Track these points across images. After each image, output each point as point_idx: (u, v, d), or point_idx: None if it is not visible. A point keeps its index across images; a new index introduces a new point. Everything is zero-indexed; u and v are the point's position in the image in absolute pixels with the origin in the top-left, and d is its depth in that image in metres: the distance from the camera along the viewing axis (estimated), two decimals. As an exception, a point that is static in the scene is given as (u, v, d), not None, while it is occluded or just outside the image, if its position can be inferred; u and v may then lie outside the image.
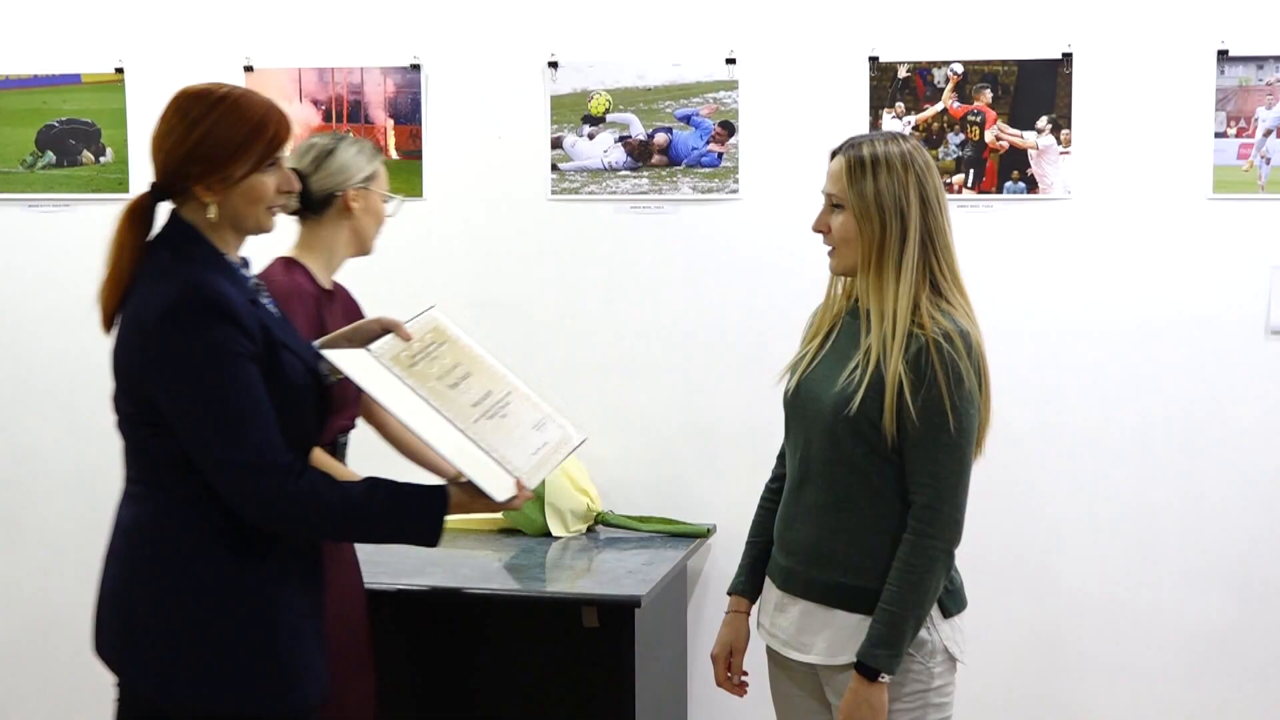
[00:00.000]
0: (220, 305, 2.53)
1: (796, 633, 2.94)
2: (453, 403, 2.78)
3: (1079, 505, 4.53)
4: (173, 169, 2.65)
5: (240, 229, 2.69)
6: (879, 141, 2.87)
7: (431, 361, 2.83)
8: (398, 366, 2.76)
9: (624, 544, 4.28)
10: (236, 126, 2.61)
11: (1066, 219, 4.46)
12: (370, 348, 2.77)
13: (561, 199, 4.70)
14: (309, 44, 4.79)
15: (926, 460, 2.79)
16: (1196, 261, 4.42)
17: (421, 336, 2.85)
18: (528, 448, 2.84)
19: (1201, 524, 4.49)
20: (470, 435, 2.74)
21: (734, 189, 4.60)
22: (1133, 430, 4.49)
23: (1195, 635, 4.51)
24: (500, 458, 2.76)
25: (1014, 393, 4.46)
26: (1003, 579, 4.55)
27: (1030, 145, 4.44)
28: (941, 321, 2.79)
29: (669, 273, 4.67)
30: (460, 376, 2.84)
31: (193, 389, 2.53)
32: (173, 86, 4.86)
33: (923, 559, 2.78)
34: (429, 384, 2.78)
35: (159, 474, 2.64)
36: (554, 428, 2.95)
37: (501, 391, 2.90)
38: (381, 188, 3.64)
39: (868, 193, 2.82)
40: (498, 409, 2.85)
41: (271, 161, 2.65)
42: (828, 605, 2.88)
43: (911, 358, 2.77)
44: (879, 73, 4.49)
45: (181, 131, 2.63)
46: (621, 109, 4.64)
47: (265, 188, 2.65)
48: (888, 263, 2.82)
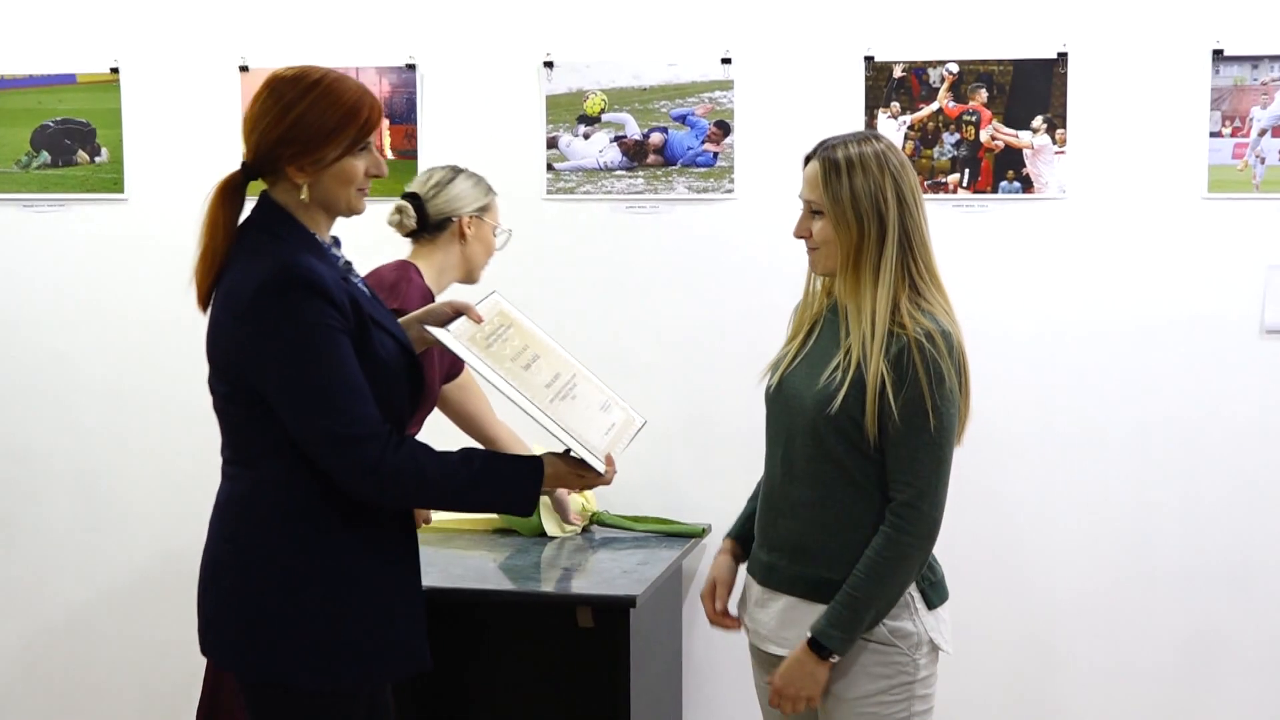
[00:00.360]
0: (313, 282, 2.59)
1: (778, 627, 2.95)
2: (528, 384, 2.83)
3: (1075, 506, 4.54)
4: (265, 151, 2.70)
5: (331, 210, 2.75)
6: (852, 143, 2.88)
7: (504, 344, 2.88)
8: (475, 347, 2.83)
9: (619, 544, 4.29)
10: (330, 111, 2.67)
11: (1061, 218, 4.47)
12: (450, 328, 2.84)
13: (557, 199, 4.71)
14: (304, 44, 4.78)
15: (907, 459, 2.80)
16: (1191, 261, 4.43)
17: (490, 319, 2.91)
18: (599, 428, 2.89)
19: (1197, 524, 4.49)
20: (547, 413, 2.80)
21: (729, 189, 4.62)
22: (1129, 431, 4.50)
23: (1191, 635, 4.52)
24: (579, 437, 2.81)
25: (1009, 393, 4.48)
26: (996, 580, 4.56)
27: (1025, 145, 4.46)
28: (923, 321, 2.80)
29: (664, 273, 4.68)
30: (530, 359, 2.90)
31: (289, 365, 2.59)
32: (168, 87, 4.93)
33: (895, 553, 2.81)
34: (505, 365, 2.83)
35: (251, 453, 2.70)
36: (618, 410, 3.00)
37: (568, 374, 2.95)
38: (493, 219, 3.90)
39: (844, 196, 2.83)
40: (567, 390, 2.91)
41: (363, 145, 2.72)
42: (810, 600, 2.90)
43: (893, 358, 2.78)
44: (874, 72, 4.51)
45: (276, 114, 2.69)
46: (617, 109, 4.66)
47: (356, 170, 2.71)
48: (865, 264, 2.84)
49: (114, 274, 4.97)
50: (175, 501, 4.94)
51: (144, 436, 5.00)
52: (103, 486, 5.04)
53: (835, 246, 2.87)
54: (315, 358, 2.58)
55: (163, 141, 4.92)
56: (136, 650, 5.07)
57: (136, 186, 4.94)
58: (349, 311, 2.64)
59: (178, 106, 4.91)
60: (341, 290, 2.65)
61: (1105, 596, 4.55)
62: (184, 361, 4.94)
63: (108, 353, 4.99)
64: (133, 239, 4.95)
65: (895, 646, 2.87)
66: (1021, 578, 4.59)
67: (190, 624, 2.84)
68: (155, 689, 5.05)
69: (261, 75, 4.78)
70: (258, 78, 4.73)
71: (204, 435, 4.90)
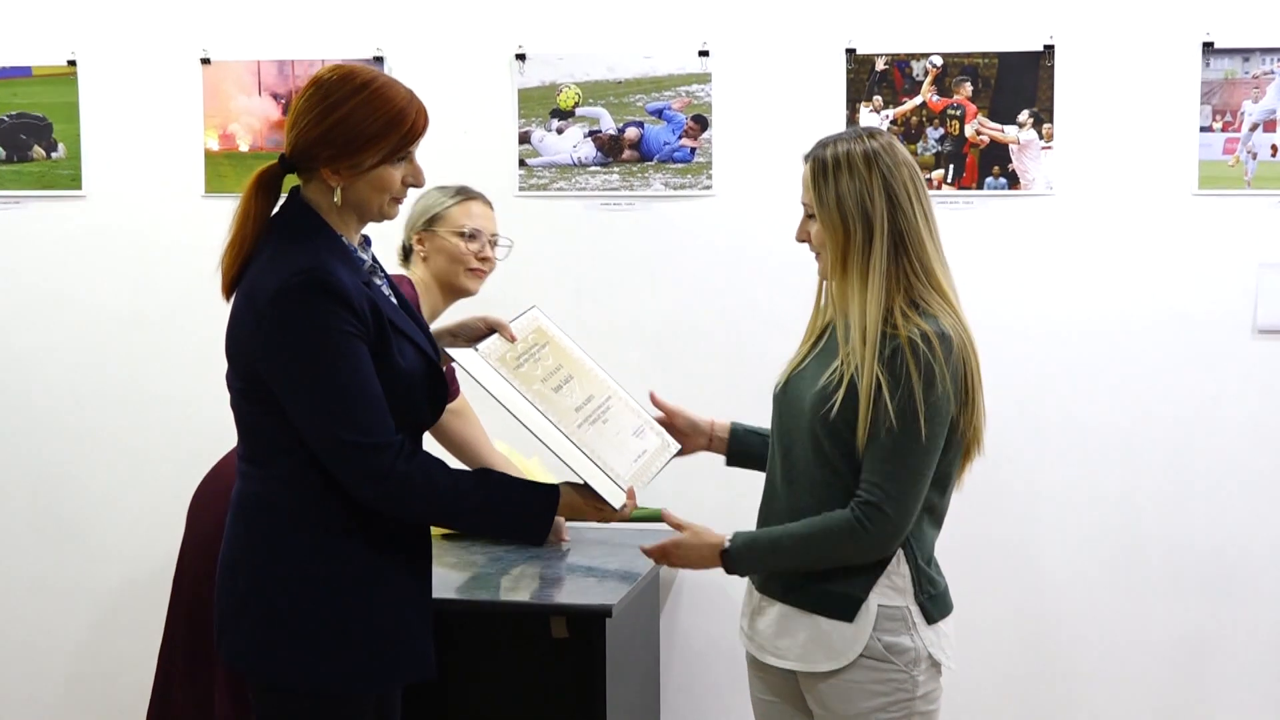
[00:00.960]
0: (331, 286, 2.61)
1: (774, 636, 2.94)
2: (556, 406, 2.84)
3: (1063, 506, 4.54)
4: (304, 148, 2.72)
5: (362, 215, 2.78)
6: (844, 141, 2.86)
7: (535, 364, 2.90)
8: (504, 368, 2.84)
9: (595, 552, 4.27)
10: (374, 116, 2.69)
11: (1049, 215, 4.46)
12: (479, 347, 2.85)
13: (529, 195, 4.68)
14: (268, 35, 4.75)
15: (885, 461, 2.77)
16: (1182, 259, 4.43)
17: (525, 337, 2.92)
18: (629, 455, 2.89)
19: (1188, 525, 4.50)
20: (574, 440, 2.81)
21: (707, 185, 4.59)
22: (1118, 431, 4.50)
23: (1182, 637, 4.53)
24: (604, 464, 2.81)
25: (995, 393, 4.37)
26: (985, 581, 4.55)
27: (1011, 140, 4.44)
28: (919, 323, 2.77)
29: (641, 272, 4.65)
30: (563, 380, 2.91)
31: (304, 369, 2.62)
32: (128, 80, 4.89)
33: (846, 543, 2.80)
34: (534, 387, 2.84)
35: (264, 451, 2.73)
36: (652, 435, 3.00)
37: (602, 396, 2.96)
38: (451, 224, 3.82)
39: (829, 198, 2.82)
40: (599, 414, 2.91)
41: (402, 155, 2.74)
42: (807, 610, 2.88)
43: (886, 360, 2.76)
44: (856, 65, 4.49)
45: (320, 112, 2.70)
46: (591, 102, 4.63)
47: (392, 179, 2.74)
48: (853, 268, 2.82)
49: (72, 272, 4.92)
50: (138, 500, 4.90)
51: (105, 436, 4.94)
52: (63, 487, 4.99)
53: (830, 249, 2.86)
54: (330, 363, 2.61)
55: (122, 137, 4.87)
56: (95, 658, 5.02)
57: (95, 183, 4.89)
58: (368, 318, 2.66)
59: (138, 100, 4.86)
60: (362, 296, 2.67)
61: (1096, 599, 4.55)
62: (145, 360, 4.90)
63: (66, 353, 4.94)
64: (91, 237, 4.90)
65: (891, 663, 2.84)
66: (1010, 578, 4.58)
67: (150, 631, 2.82)
68: (114, 699, 4.99)
69: (224, 68, 4.83)
70: (220, 70, 4.74)
71: (167, 433, 4.91)
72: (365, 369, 2.64)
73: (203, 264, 4.67)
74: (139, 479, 4.91)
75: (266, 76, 4.74)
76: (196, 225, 4.76)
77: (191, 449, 4.61)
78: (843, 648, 2.84)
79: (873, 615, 2.83)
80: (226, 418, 2.85)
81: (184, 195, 4.81)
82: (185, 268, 4.80)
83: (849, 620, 2.84)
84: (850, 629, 2.84)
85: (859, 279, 2.81)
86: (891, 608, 2.84)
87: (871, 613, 2.83)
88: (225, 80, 4.75)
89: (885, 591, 2.84)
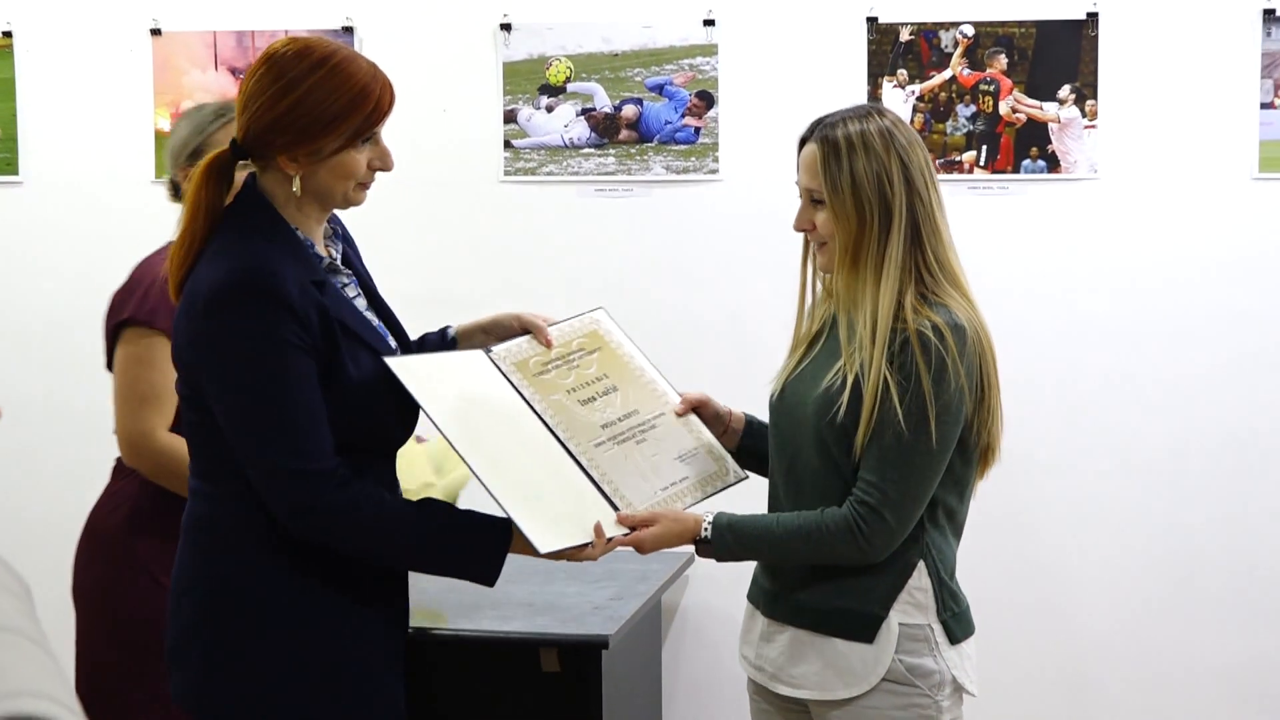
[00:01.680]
0: (270, 289, 2.57)
1: (787, 663, 2.92)
2: (575, 421, 2.83)
3: (1105, 527, 4.55)
4: (257, 134, 2.66)
5: (324, 204, 2.74)
6: (853, 119, 2.83)
7: (569, 371, 2.90)
8: (519, 374, 2.84)
9: (589, 576, 4.24)
10: (333, 96, 2.63)
11: (1092, 202, 4.47)
12: (493, 350, 2.86)
13: (516, 180, 4.66)
14: (225, 3, 4.78)
15: (888, 461, 2.76)
16: (1240, 250, 4.45)
17: (568, 341, 2.92)
18: (657, 482, 2.86)
19: (1244, 549, 4.51)
20: (582, 459, 2.79)
21: (713, 168, 4.58)
22: (1167, 442, 4.51)
23: (1235, 673, 4.53)
24: (611, 489, 2.79)
25: (1031, 400, 4.44)
26: (1016, 609, 4.56)
27: (1051, 118, 4.43)
28: (929, 314, 2.77)
29: (639, 264, 4.65)
30: (601, 390, 2.90)
31: (233, 380, 2.60)
32: (68, 53, 4.85)
33: (839, 543, 2.78)
34: (552, 397, 2.84)
35: (213, 467, 2.70)
36: (705, 461, 2.94)
37: (651, 413, 2.93)
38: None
39: (843, 182, 2.79)
40: (637, 432, 2.90)
41: (367, 137, 2.68)
42: (821, 632, 2.86)
43: (894, 356, 2.75)
44: (878, 35, 4.47)
45: (274, 94, 2.64)
46: (584, 77, 4.61)
47: (356, 164, 2.68)
48: (866, 258, 2.80)
49: (7, 265, 4.93)
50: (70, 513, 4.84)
51: (38, 443, 4.91)
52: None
53: (838, 239, 2.84)
54: (263, 376, 2.58)
55: (63, 116, 4.89)
56: None
57: (33, 167, 4.91)
58: (314, 325, 2.61)
59: (80, 76, 4.87)
60: (308, 300, 2.61)
61: (1140, 627, 4.57)
62: (85, 362, 4.85)
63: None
64: (28, 226, 4.87)
65: (915, 687, 2.83)
66: (1045, 606, 4.60)
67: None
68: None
69: (175, 39, 4.80)
70: (172, 42, 4.69)
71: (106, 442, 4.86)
72: (303, 384, 2.59)
73: (153, 256, 4.66)
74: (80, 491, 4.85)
75: (223, 49, 4.72)
76: (146, 215, 4.70)
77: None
78: (863, 671, 2.83)
79: (894, 635, 2.82)
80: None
81: (132, 181, 4.80)
82: (134, 259, 4.73)
83: (869, 641, 2.82)
84: (871, 651, 2.82)
85: (873, 271, 2.79)
86: (913, 626, 2.83)
87: (893, 632, 2.82)
88: (177, 53, 4.72)
89: (906, 609, 2.83)
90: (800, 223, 2.89)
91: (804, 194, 2.88)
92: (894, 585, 2.82)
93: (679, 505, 2.86)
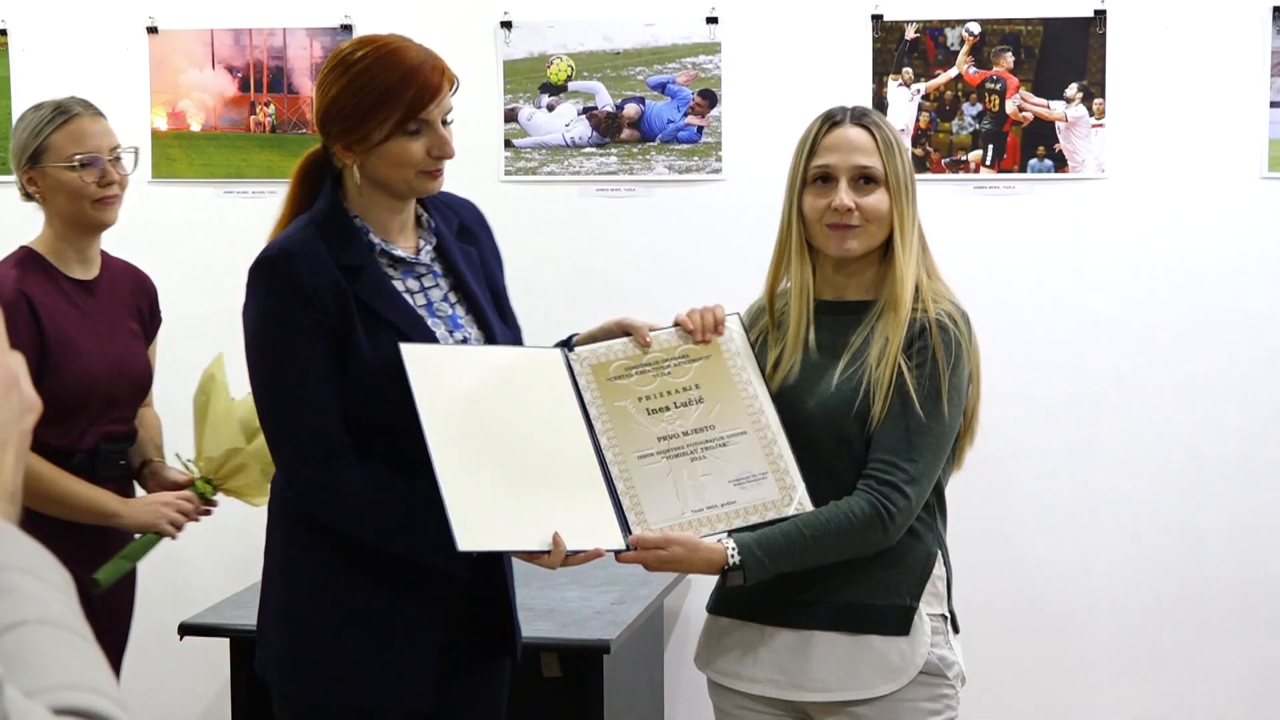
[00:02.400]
0: (286, 271, 2.69)
1: (809, 668, 2.89)
2: (629, 430, 2.84)
3: (1115, 531, 4.54)
4: (320, 125, 2.80)
5: (390, 192, 2.79)
6: (877, 114, 2.97)
7: (654, 377, 2.89)
8: (591, 375, 2.88)
9: (591, 580, 4.23)
10: (370, 86, 2.70)
11: (1100, 202, 4.47)
12: (577, 350, 2.91)
13: (516, 180, 4.66)
14: (223, 1, 4.77)
15: (906, 441, 2.81)
16: (1249, 250, 4.45)
17: (672, 347, 2.91)
18: (692, 503, 2.83)
19: (1259, 554, 4.49)
20: (614, 469, 2.81)
21: (716, 168, 4.58)
22: (1178, 447, 4.51)
23: (1253, 682, 4.52)
24: (632, 504, 2.80)
25: (1040, 401, 4.46)
26: (1022, 617, 4.55)
27: (1058, 117, 4.43)
28: (944, 303, 2.89)
29: (641, 265, 4.65)
30: (682, 401, 2.88)
31: (252, 356, 2.76)
32: (65, 50, 4.84)
33: (868, 531, 2.79)
34: (617, 403, 2.85)
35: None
36: (767, 488, 2.85)
37: (730, 429, 2.87)
38: (58, 157, 3.53)
39: (900, 169, 2.88)
40: (699, 448, 2.86)
41: (415, 125, 2.72)
42: (856, 632, 2.86)
43: (914, 340, 2.83)
44: (883, 33, 4.46)
45: (326, 86, 2.76)
46: (586, 76, 4.61)
47: (408, 152, 2.72)
48: (906, 244, 2.89)
49: (2, 269, 4.86)
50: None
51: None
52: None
53: (887, 224, 2.89)
54: (273, 354, 2.72)
55: (59, 115, 4.81)
56: None
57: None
58: (330, 308, 2.70)
59: (76, 74, 4.80)
60: (324, 282, 2.69)
61: (1151, 634, 4.55)
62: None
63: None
64: (23, 225, 4.83)
65: (944, 677, 2.87)
66: (1052, 613, 4.58)
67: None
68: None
69: (172, 37, 4.79)
70: (169, 41, 4.69)
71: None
72: (309, 365, 2.70)
73: (151, 259, 4.65)
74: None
75: (221, 47, 4.72)
76: (143, 215, 4.70)
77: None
78: (901, 665, 2.85)
79: (927, 626, 2.86)
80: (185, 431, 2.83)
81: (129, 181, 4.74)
82: (132, 262, 4.73)
83: (905, 634, 2.85)
84: (908, 643, 2.85)
85: (908, 256, 2.88)
86: (936, 616, 2.88)
87: (925, 623, 2.86)
88: (174, 52, 4.71)
89: (929, 599, 2.88)
90: (845, 201, 2.85)
91: (850, 173, 2.87)
92: (920, 576, 2.86)
93: (705, 530, 2.81)
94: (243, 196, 4.70)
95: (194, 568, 4.69)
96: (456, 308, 2.88)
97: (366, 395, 2.72)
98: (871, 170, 2.87)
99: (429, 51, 2.77)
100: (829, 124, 2.92)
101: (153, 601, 4.65)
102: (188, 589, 4.61)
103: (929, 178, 4.39)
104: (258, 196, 4.66)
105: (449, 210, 2.96)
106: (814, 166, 2.89)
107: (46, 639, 1.07)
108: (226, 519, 4.81)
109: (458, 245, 2.93)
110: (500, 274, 3.02)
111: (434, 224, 2.90)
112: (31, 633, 1.06)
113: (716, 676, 3.04)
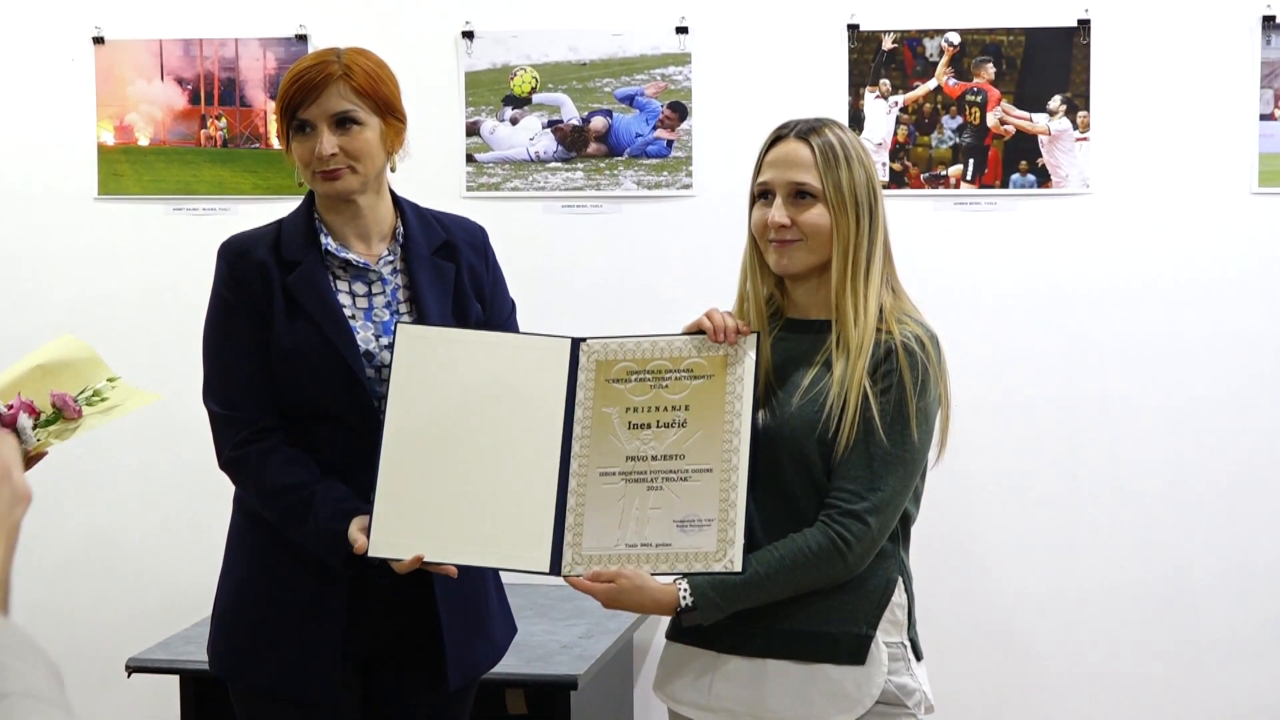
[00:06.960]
0: (225, 253, 3.01)
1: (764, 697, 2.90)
2: (603, 441, 2.87)
3: (1100, 560, 4.54)
4: None
5: (319, 196, 3.04)
6: (830, 127, 2.96)
7: (650, 388, 2.91)
8: (592, 373, 2.91)
9: (557, 613, 4.24)
10: (280, 90, 2.99)
11: (1085, 218, 4.49)
12: (588, 341, 2.93)
13: (479, 196, 4.67)
14: (172, 10, 4.75)
15: (870, 469, 2.83)
16: (1239, 268, 4.47)
17: (680, 358, 2.92)
18: (626, 535, 2.84)
19: (1249, 584, 4.51)
20: (573, 481, 2.85)
21: (686, 183, 4.60)
22: (1167, 468, 4.52)
23: (1241, 714, 4.52)
24: (574, 523, 2.83)
25: (1023, 423, 4.48)
26: (1000, 653, 4.56)
27: (1041, 130, 4.46)
28: (910, 324, 2.90)
29: (609, 283, 4.66)
30: (665, 421, 2.89)
31: (204, 336, 3.04)
32: (5, 62, 4.84)
33: (827, 563, 2.82)
34: (604, 409, 2.88)
35: None
36: (705, 537, 2.84)
37: (695, 465, 2.87)
38: None
39: (844, 182, 2.90)
40: (659, 478, 2.87)
41: (299, 126, 2.96)
42: (810, 660, 2.88)
43: (877, 364, 2.84)
44: (860, 43, 4.49)
45: None
46: (551, 88, 4.62)
47: (300, 153, 2.98)
48: (860, 263, 2.89)
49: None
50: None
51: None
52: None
53: (828, 240, 2.90)
54: (209, 328, 3.03)
55: (0, 128, 4.85)
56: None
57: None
58: (255, 289, 2.96)
59: (18, 87, 4.85)
60: (252, 268, 2.97)
61: (1139, 670, 4.56)
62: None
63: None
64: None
65: (904, 706, 2.88)
66: (1035, 650, 4.58)
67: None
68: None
69: (119, 48, 4.80)
70: (116, 51, 4.70)
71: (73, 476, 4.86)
72: (234, 340, 2.98)
73: (97, 278, 4.67)
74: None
75: (170, 59, 4.72)
76: (89, 233, 4.75)
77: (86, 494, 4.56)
78: (857, 695, 2.86)
79: (883, 654, 2.88)
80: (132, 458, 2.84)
81: (74, 198, 4.79)
82: (76, 283, 4.76)
83: (861, 663, 2.87)
84: (864, 672, 2.87)
85: (863, 275, 2.89)
86: (893, 644, 2.90)
87: (881, 651, 2.88)
88: (122, 63, 4.72)
89: (886, 627, 2.89)
90: (779, 217, 2.90)
91: (785, 188, 2.91)
92: (879, 603, 2.88)
93: (640, 567, 2.84)
94: (193, 214, 4.71)
95: (143, 601, 4.69)
96: (403, 318, 3.01)
97: (282, 380, 2.96)
98: (807, 185, 2.90)
99: (335, 52, 3.00)
100: (775, 139, 2.97)
101: (99, 637, 4.67)
102: (135, 623, 4.61)
103: (907, 193, 4.42)
104: (208, 214, 4.68)
105: (439, 227, 3.14)
106: (758, 183, 2.96)
107: (28, 711, 1.20)
108: (176, 552, 4.83)
109: (430, 260, 3.07)
110: (495, 294, 3.17)
111: (406, 237, 3.07)
112: (15, 704, 1.19)
113: (674, 705, 3.05)
